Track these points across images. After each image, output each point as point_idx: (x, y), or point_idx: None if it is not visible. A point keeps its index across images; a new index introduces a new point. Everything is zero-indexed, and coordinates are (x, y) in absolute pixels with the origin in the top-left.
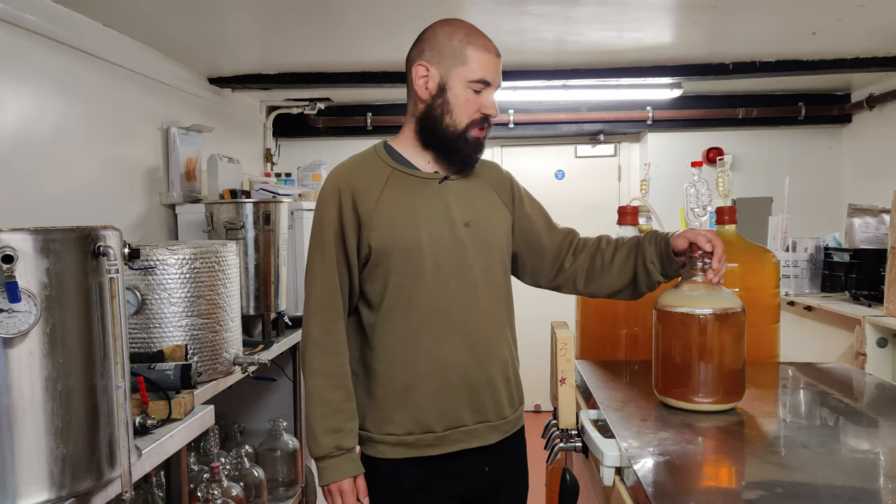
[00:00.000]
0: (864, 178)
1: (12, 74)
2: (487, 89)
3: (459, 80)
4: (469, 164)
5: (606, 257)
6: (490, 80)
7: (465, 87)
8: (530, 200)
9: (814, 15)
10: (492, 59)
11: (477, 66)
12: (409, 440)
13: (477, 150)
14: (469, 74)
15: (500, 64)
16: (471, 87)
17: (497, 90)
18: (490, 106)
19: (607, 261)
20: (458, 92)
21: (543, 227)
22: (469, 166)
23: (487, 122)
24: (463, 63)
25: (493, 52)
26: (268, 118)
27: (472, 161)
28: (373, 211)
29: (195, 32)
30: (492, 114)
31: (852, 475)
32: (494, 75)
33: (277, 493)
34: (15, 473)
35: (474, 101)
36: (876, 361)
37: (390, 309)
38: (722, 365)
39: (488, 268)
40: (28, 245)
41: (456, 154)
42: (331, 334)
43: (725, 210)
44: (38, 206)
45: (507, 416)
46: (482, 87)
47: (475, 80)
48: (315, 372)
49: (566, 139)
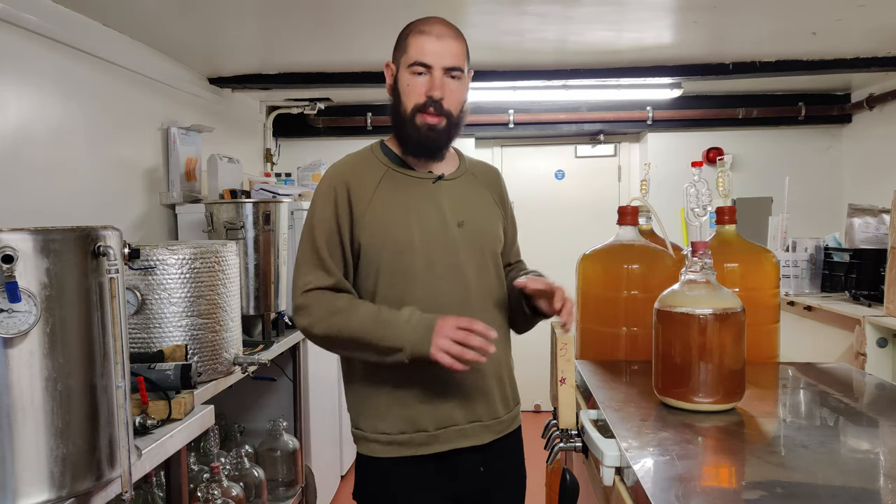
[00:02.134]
0: (864, 178)
1: (12, 74)
2: (430, 72)
3: (403, 68)
4: (425, 152)
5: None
6: (427, 61)
7: (407, 73)
8: (513, 216)
9: (814, 15)
10: (431, 41)
11: (414, 50)
12: (401, 439)
13: (430, 136)
14: (408, 59)
15: (447, 46)
16: (411, 71)
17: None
18: (434, 87)
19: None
20: (403, 79)
21: (509, 244)
22: (426, 154)
23: (433, 106)
24: (405, 51)
25: (434, 34)
26: (268, 118)
27: (429, 148)
28: (366, 209)
29: (195, 32)
30: (434, 95)
31: (852, 475)
32: (435, 56)
33: (277, 493)
34: (15, 473)
35: (415, 84)
36: (876, 361)
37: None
38: (722, 365)
39: (481, 268)
40: (28, 245)
41: (408, 140)
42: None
43: (725, 210)
44: (38, 206)
45: (500, 416)
46: (423, 70)
47: (412, 64)
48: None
49: (566, 139)
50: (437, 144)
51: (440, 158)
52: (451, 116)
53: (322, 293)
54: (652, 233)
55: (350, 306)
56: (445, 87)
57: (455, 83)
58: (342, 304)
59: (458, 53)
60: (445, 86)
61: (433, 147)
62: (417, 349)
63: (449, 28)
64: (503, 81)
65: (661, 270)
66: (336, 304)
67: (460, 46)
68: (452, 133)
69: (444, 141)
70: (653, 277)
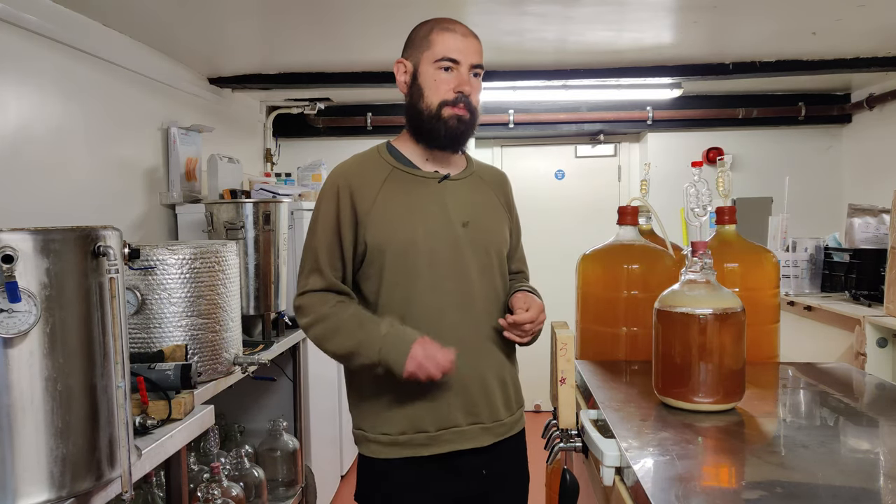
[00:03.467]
0: (864, 178)
1: (12, 74)
2: (458, 68)
3: (427, 64)
4: (452, 145)
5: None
6: (456, 57)
7: (432, 68)
8: (517, 223)
9: (814, 15)
10: (457, 39)
11: (441, 46)
12: (401, 440)
13: (458, 128)
14: (434, 55)
15: (471, 44)
16: (437, 66)
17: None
18: (464, 83)
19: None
20: (427, 74)
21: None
22: (452, 147)
23: (464, 102)
24: (428, 47)
25: (459, 32)
26: (268, 118)
27: (455, 141)
28: (370, 209)
29: (195, 32)
30: (465, 91)
31: (852, 475)
32: (462, 54)
33: (277, 493)
34: (15, 473)
35: (443, 80)
36: (876, 361)
37: (385, 308)
38: (722, 365)
39: (485, 269)
40: (28, 245)
41: (435, 134)
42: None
43: (725, 210)
44: (38, 206)
45: (501, 419)
46: (450, 65)
47: (440, 59)
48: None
49: (566, 139)
50: (465, 136)
51: (459, 152)
52: (474, 112)
53: (314, 295)
54: (652, 233)
55: (334, 314)
56: (472, 82)
57: (477, 81)
58: (327, 312)
59: (481, 52)
60: (472, 82)
61: (462, 139)
62: (391, 368)
63: (468, 28)
64: (503, 81)
65: (661, 270)
66: (322, 310)
67: (481, 46)
68: (474, 128)
69: (469, 134)
70: (653, 277)
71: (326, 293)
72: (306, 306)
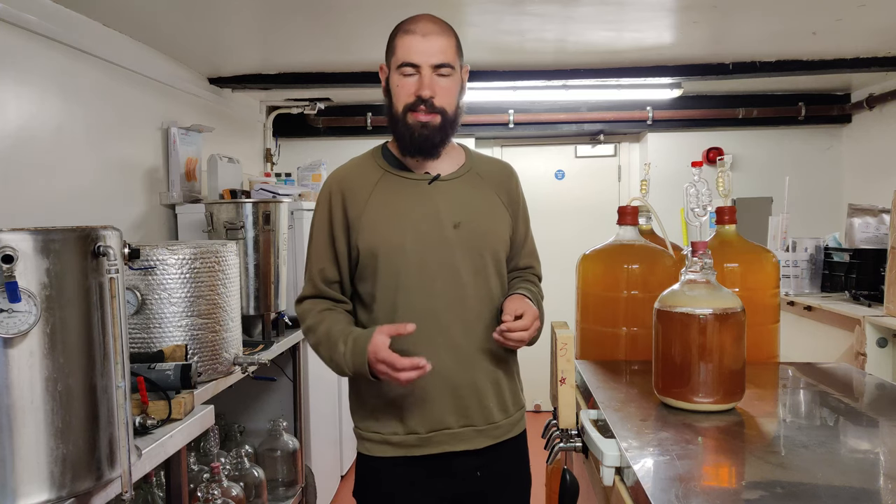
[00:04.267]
0: (864, 178)
1: (12, 74)
2: (420, 71)
3: (393, 69)
4: (420, 150)
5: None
6: (415, 60)
7: (396, 74)
8: (525, 217)
9: (814, 15)
10: (416, 41)
11: (401, 51)
12: (393, 440)
13: (424, 133)
14: (396, 61)
15: (433, 43)
16: (400, 72)
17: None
18: (423, 87)
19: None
20: (393, 80)
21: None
22: (421, 152)
23: (427, 105)
24: (393, 52)
25: (419, 33)
26: (268, 118)
27: (423, 147)
28: (361, 214)
29: (195, 32)
30: (424, 94)
31: (852, 475)
32: (421, 55)
33: (277, 493)
34: (15, 473)
35: (404, 84)
36: (876, 361)
37: (380, 310)
38: (722, 365)
39: (479, 270)
40: (28, 245)
41: (402, 140)
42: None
43: (725, 210)
44: (38, 206)
45: (496, 421)
46: (411, 70)
47: (401, 65)
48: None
49: (566, 139)
50: (432, 142)
51: (436, 156)
52: (445, 114)
53: (307, 303)
54: (652, 233)
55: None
56: (435, 85)
57: (445, 80)
58: (312, 323)
59: (446, 50)
60: (435, 84)
61: (428, 144)
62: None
63: (436, 24)
64: (503, 81)
65: (661, 270)
66: (310, 321)
67: (448, 42)
68: (448, 130)
69: (438, 138)
70: (653, 277)
71: (316, 300)
72: (300, 314)
